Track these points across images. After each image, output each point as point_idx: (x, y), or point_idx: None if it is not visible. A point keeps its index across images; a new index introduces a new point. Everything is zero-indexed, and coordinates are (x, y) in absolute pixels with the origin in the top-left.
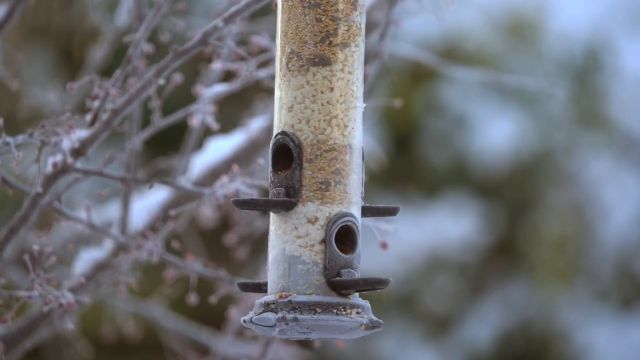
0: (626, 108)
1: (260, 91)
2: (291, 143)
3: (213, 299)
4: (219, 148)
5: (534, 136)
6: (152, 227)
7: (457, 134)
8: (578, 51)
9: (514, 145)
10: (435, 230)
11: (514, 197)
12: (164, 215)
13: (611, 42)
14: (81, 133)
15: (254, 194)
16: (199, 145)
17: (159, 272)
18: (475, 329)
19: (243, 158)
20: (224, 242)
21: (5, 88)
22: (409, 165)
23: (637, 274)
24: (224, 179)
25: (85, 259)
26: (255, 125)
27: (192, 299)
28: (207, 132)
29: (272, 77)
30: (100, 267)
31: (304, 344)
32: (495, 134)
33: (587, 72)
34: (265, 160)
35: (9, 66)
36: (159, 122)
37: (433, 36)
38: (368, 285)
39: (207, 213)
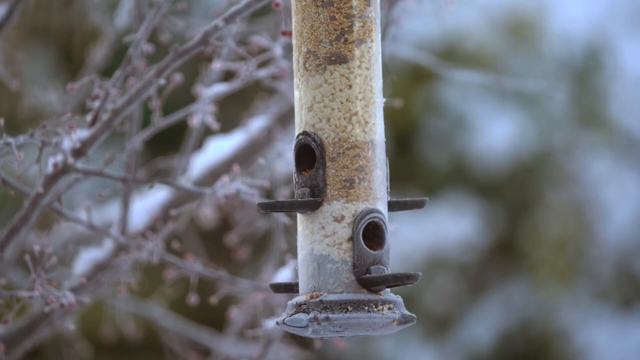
0: (626, 108)
1: (260, 91)
2: (313, 143)
3: (213, 300)
4: (219, 148)
5: (534, 136)
6: (152, 227)
7: (457, 134)
8: (578, 51)
9: (514, 145)
10: (435, 230)
11: (514, 197)
12: (164, 215)
13: (611, 42)
14: (82, 133)
15: (254, 194)
16: (199, 145)
17: (159, 273)
18: (475, 329)
19: (243, 158)
20: (224, 242)
21: (5, 88)
22: (409, 165)
23: (637, 274)
24: (225, 179)
25: (86, 259)
26: (255, 125)
27: (193, 299)
28: (207, 132)
29: (273, 77)
30: (100, 268)
31: (305, 344)
32: (495, 134)
33: (587, 72)
34: (265, 160)
35: (9, 66)
36: (159, 122)
37: (433, 36)
38: (397, 281)
39: (207, 213)
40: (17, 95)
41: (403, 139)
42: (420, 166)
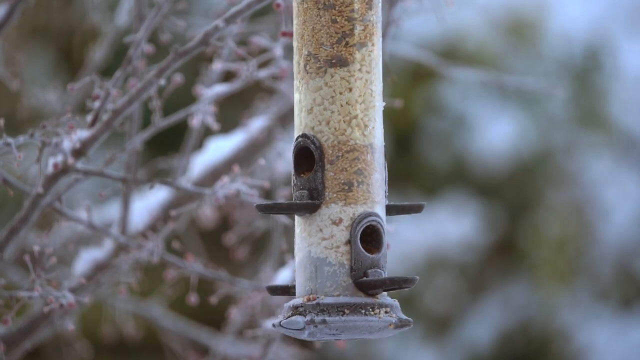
0: (626, 108)
1: (260, 91)
2: (312, 145)
3: (213, 300)
4: (219, 148)
5: (534, 136)
6: (153, 227)
7: (457, 134)
8: (578, 51)
9: (514, 145)
10: (435, 230)
11: (514, 197)
12: (164, 215)
13: (611, 42)
14: (82, 133)
15: (254, 194)
16: (199, 145)
17: (159, 273)
18: (475, 329)
19: (243, 158)
20: (224, 242)
21: (5, 88)
22: (409, 165)
23: (637, 274)
24: (225, 179)
25: (86, 259)
26: (255, 125)
27: (192, 299)
28: (207, 132)
29: (273, 78)
30: (100, 268)
31: (305, 344)
32: (495, 134)
33: (587, 72)
34: (265, 160)
35: (9, 66)
36: (160, 122)
37: (433, 36)
38: (395, 284)
39: (207, 213)
40: (17, 95)
41: (403, 139)
42: (420, 166)
